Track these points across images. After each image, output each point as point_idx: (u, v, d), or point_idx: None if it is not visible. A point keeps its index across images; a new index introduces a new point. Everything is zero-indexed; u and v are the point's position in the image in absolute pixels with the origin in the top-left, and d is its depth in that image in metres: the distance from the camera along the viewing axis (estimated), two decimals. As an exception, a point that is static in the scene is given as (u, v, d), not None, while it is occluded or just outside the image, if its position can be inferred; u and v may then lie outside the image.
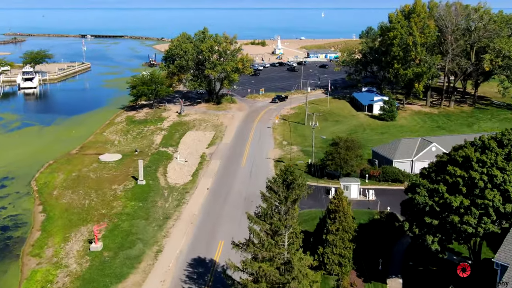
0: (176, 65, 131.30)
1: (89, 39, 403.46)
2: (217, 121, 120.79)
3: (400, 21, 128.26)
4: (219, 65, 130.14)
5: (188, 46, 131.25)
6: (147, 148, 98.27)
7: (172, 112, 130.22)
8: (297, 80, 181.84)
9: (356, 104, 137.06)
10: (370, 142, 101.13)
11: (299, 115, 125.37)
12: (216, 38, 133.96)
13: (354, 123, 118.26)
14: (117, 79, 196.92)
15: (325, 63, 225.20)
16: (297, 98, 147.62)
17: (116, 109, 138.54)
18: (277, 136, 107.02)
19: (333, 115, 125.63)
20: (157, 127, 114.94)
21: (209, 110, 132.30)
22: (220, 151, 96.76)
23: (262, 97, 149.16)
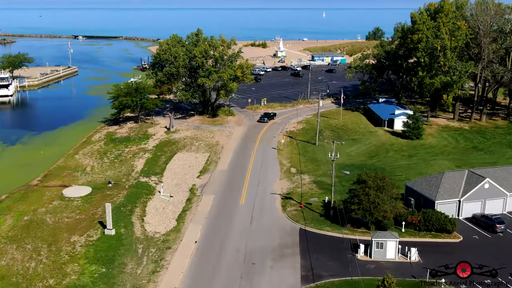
0: (165, 72, 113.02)
1: (80, 40, 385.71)
2: (212, 139, 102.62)
3: (426, 21, 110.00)
4: (215, 73, 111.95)
5: (179, 50, 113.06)
6: (125, 178, 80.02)
7: (160, 127, 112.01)
8: (302, 87, 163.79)
9: (372, 117, 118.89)
10: (397, 170, 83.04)
11: (308, 132, 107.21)
12: (211, 41, 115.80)
13: (374, 142, 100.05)
14: (103, 85, 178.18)
15: (332, 67, 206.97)
16: (303, 110, 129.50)
17: (97, 122, 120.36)
18: (283, 160, 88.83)
19: (348, 132, 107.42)
20: (140, 148, 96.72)
21: (203, 125, 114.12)
22: (214, 182, 78.58)
23: (264, 108, 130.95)
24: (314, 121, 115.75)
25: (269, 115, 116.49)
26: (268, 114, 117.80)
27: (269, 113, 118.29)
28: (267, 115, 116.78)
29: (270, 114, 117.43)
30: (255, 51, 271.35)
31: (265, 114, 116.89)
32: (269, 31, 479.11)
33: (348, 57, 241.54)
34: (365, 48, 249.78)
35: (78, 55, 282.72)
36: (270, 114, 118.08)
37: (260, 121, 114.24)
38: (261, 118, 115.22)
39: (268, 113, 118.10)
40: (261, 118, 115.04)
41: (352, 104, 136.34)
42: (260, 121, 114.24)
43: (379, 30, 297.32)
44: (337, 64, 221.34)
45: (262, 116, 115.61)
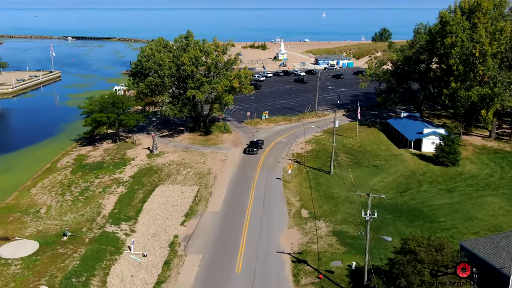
0: (148, 83, 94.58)
1: (70, 42, 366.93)
2: (203, 165, 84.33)
3: (461, 22, 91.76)
4: (207, 84, 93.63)
5: (164, 57, 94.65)
6: (87, 226, 61.67)
7: (142, 148, 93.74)
8: (307, 95, 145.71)
9: (394, 135, 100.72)
10: (438, 212, 64.82)
11: (320, 155, 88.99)
12: (203, 46, 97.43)
13: (400, 169, 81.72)
14: (86, 93, 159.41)
15: (339, 72, 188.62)
16: (311, 125, 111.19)
17: (69, 141, 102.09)
18: (291, 197, 70.51)
19: (367, 155, 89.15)
20: (114, 179, 78.32)
21: (193, 145, 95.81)
22: (203, 232, 60.27)
23: (265, 123, 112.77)
24: (325, 140, 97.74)
25: (257, 144, 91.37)
26: (256, 143, 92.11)
27: (256, 142, 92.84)
28: (255, 145, 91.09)
29: (258, 143, 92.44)
30: (254, 54, 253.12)
31: (251, 144, 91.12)
32: (269, 31, 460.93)
33: (355, 60, 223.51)
34: (373, 50, 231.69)
35: (65, 58, 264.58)
36: (258, 142, 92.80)
37: (248, 152, 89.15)
38: (248, 149, 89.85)
39: (255, 142, 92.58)
40: (248, 149, 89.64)
41: (366, 117, 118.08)
42: (248, 152, 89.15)
43: (386, 31, 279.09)
44: (334, 69, 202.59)
45: (250, 147, 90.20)
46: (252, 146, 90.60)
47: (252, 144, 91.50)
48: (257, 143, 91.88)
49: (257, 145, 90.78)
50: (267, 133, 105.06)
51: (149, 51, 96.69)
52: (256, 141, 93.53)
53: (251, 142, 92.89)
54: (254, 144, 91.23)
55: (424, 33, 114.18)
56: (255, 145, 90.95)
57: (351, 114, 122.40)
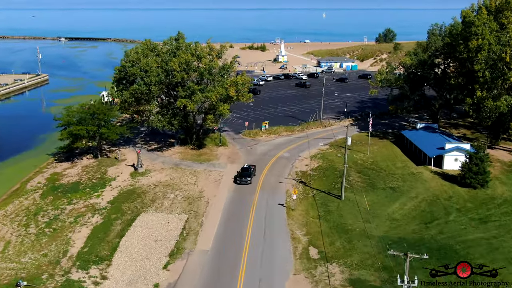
0: (132, 91, 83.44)
1: (63, 42, 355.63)
2: (193, 187, 73.31)
3: (487, 22, 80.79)
4: (199, 92, 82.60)
5: (150, 61, 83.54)
6: (48, 271, 50.57)
7: (126, 165, 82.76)
8: (311, 101, 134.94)
9: (409, 149, 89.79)
10: (475, 252, 53.80)
11: (327, 174, 77.98)
12: (194, 50, 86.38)
13: (422, 192, 70.67)
14: (74, 98, 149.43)
15: (344, 76, 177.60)
16: (316, 137, 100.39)
17: (45, 156, 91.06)
18: (296, 230, 59.45)
19: (382, 174, 78.10)
20: (89, 204, 67.27)
21: (184, 161, 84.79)
22: (190, 280, 49.19)
23: (265, 134, 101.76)
24: (333, 155, 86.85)
25: (249, 172, 74.89)
26: (248, 170, 75.31)
27: (248, 169, 75.94)
28: (247, 172, 74.64)
29: (250, 169, 75.86)
30: (253, 55, 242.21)
31: (243, 172, 74.70)
32: (268, 32, 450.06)
33: (359, 63, 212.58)
34: (377, 52, 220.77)
35: (56, 59, 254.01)
36: (250, 169, 76.05)
37: (239, 182, 73.36)
38: (240, 178, 73.66)
39: (247, 169, 75.65)
40: (240, 179, 73.52)
41: (376, 127, 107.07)
42: (239, 182, 73.36)
43: (390, 32, 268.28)
44: (332, 71, 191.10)
45: (241, 175, 73.97)
46: (244, 174, 74.29)
47: (244, 171, 74.93)
48: (249, 171, 75.33)
49: (250, 173, 74.79)
50: (267, 146, 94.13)
51: (134, 55, 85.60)
52: (248, 167, 76.71)
53: (243, 169, 75.99)
54: (246, 172, 74.79)
55: (439, 35, 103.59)
56: (248, 172, 74.66)
57: (359, 123, 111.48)
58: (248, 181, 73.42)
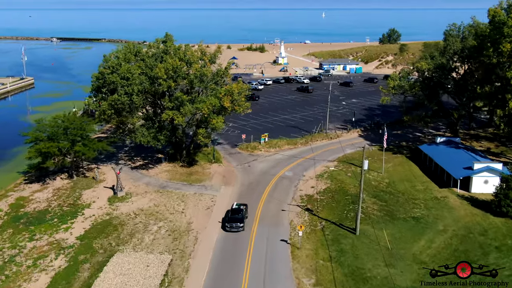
0: (111, 102, 72.31)
1: (55, 43, 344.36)
2: (181, 216, 62.31)
3: (522, 22, 69.96)
4: (188, 103, 71.57)
5: (133, 68, 72.44)
6: None
7: (105, 187, 71.74)
8: (314, 108, 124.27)
9: (428, 167, 78.92)
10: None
11: (337, 198, 66.98)
12: (183, 54, 75.23)
13: (451, 224, 59.59)
14: (58, 104, 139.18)
15: (348, 79, 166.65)
16: (322, 151, 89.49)
17: (15, 174, 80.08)
18: (304, 278, 48.34)
19: (401, 200, 67.07)
20: (55, 241, 56.15)
21: (171, 183, 73.77)
22: None
23: (265, 148, 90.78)
24: (342, 174, 75.97)
25: (241, 214, 58.60)
26: (239, 212, 58.91)
27: (239, 210, 59.25)
28: (237, 216, 58.23)
29: (242, 211, 59.10)
30: (251, 57, 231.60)
31: (233, 214, 58.60)
32: (267, 32, 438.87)
33: (364, 65, 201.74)
34: (382, 53, 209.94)
35: (46, 61, 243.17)
36: (241, 210, 59.26)
37: (229, 229, 57.22)
38: (229, 223, 57.40)
39: (238, 210, 59.20)
40: (229, 224, 57.39)
41: (388, 139, 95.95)
42: (229, 229, 57.22)
43: (394, 32, 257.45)
44: (329, 75, 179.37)
45: (231, 220, 57.68)
46: (234, 219, 57.70)
47: (234, 214, 58.54)
48: (241, 213, 58.84)
49: (242, 217, 58.23)
50: (267, 162, 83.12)
51: (113, 61, 74.50)
52: (238, 208, 59.85)
53: (232, 211, 59.38)
54: (237, 215, 58.38)
55: (457, 36, 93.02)
56: (239, 216, 58.18)
57: (369, 135, 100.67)
58: (240, 228, 57.23)
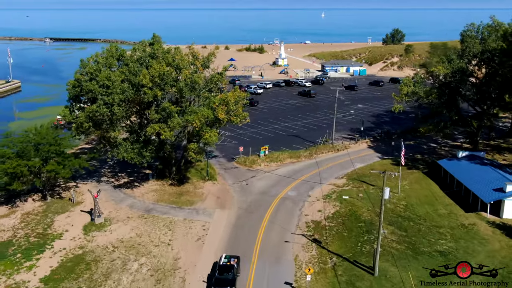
0: (89, 113, 63.08)
1: (48, 44, 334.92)
2: (167, 250, 53.14)
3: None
4: (177, 115, 62.38)
5: (113, 74, 63.22)
6: None
7: (82, 211, 62.58)
8: (317, 114, 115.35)
9: (449, 185, 69.80)
10: None
11: (349, 226, 57.80)
12: (172, 58, 65.93)
13: (485, 261, 50.32)
14: (45, 110, 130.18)
15: (353, 83, 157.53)
16: (328, 165, 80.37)
17: (-17, 194, 70.80)
18: (314, 338, 39.43)
19: (422, 227, 57.89)
20: (12, 284, 47.03)
21: (158, 205, 64.61)
22: None
23: (265, 162, 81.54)
24: (353, 193, 67.03)
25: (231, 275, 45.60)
26: (229, 270, 46.06)
27: (230, 267, 46.37)
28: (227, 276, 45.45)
29: (232, 268, 46.25)
30: (250, 58, 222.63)
31: (221, 272, 45.92)
32: (266, 32, 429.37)
33: (368, 67, 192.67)
34: (387, 55, 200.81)
35: (36, 63, 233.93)
36: (232, 268, 46.33)
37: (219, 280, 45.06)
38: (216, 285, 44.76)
39: (226, 267, 46.36)
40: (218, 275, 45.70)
41: (399, 149, 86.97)
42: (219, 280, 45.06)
43: (398, 32, 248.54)
44: (328, 77, 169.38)
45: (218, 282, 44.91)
46: (222, 281, 44.77)
47: (223, 272, 45.78)
48: (231, 271, 45.84)
49: (233, 276, 45.35)
50: (268, 180, 73.93)
51: (92, 66, 65.27)
52: (228, 265, 46.50)
53: (220, 268, 46.30)
54: (226, 274, 45.56)
55: (476, 37, 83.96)
56: (229, 276, 45.30)
57: (379, 145, 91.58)
58: (236, 276, 45.76)
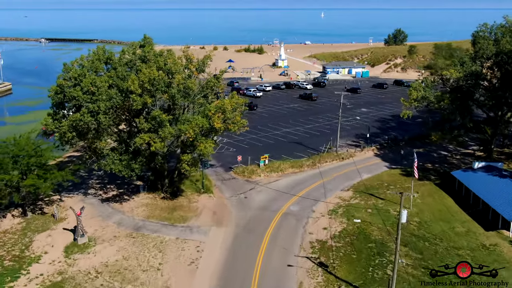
0: (72, 122, 57.59)
1: (43, 44, 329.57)
2: (156, 276, 47.56)
3: None
4: (169, 125, 56.87)
5: (99, 80, 57.73)
6: None
7: (63, 231, 57.06)
8: (320, 119, 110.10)
9: (464, 198, 64.35)
10: None
11: (357, 246, 52.29)
12: (163, 62, 60.35)
13: None
14: (36, 114, 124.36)
15: (356, 85, 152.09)
16: (333, 175, 74.89)
17: (-41, 208, 65.18)
18: None
19: (439, 249, 52.43)
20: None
21: (149, 222, 59.08)
22: None
23: (265, 172, 76.02)
24: (361, 208, 61.61)
25: None
26: None
27: None
28: None
29: None
30: (249, 59, 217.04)
31: None
32: (266, 33, 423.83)
33: (370, 68, 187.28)
34: (390, 56, 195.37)
35: (29, 64, 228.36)
36: None
37: None
38: None
39: None
40: None
41: (409, 159, 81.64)
42: None
43: (401, 33, 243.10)
44: (326, 79, 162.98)
45: None
46: None
47: None
48: None
49: None
50: (268, 193, 68.43)
51: (77, 70, 59.76)
52: None
53: None
54: None
55: (489, 38, 78.61)
56: None
57: (386, 154, 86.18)
58: None
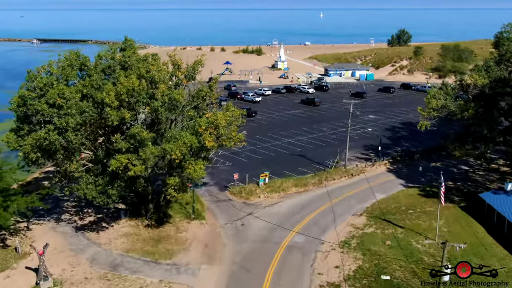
0: (36, 140, 48.35)
1: (35, 45, 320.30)
2: (131, 335, 38.43)
3: None
4: (151, 145, 47.58)
5: (68, 91, 48.47)
6: None
7: (25, 270, 47.83)
8: (324, 127, 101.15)
9: (497, 226, 55.26)
10: None
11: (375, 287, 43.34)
12: (145, 70, 50.98)
13: None
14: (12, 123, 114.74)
15: (361, 89, 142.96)
16: (342, 195, 65.75)
17: None
18: None
19: (476, 295, 43.47)
20: None
21: (127, 258, 49.80)
22: None
23: (265, 193, 66.80)
24: (377, 240, 52.55)
25: None
26: None
27: None
28: None
29: None
30: (247, 60, 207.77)
31: None
32: (265, 33, 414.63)
33: (375, 70, 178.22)
34: (395, 57, 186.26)
35: (20, 66, 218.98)
36: None
37: None
38: None
39: None
40: None
41: (426, 176, 72.62)
42: None
43: (405, 33, 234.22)
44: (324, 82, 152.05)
45: None
46: None
47: None
48: None
49: None
50: (268, 219, 59.16)
51: (43, 79, 50.49)
52: None
53: None
54: None
55: None
56: None
57: (400, 169, 76.99)
58: None
